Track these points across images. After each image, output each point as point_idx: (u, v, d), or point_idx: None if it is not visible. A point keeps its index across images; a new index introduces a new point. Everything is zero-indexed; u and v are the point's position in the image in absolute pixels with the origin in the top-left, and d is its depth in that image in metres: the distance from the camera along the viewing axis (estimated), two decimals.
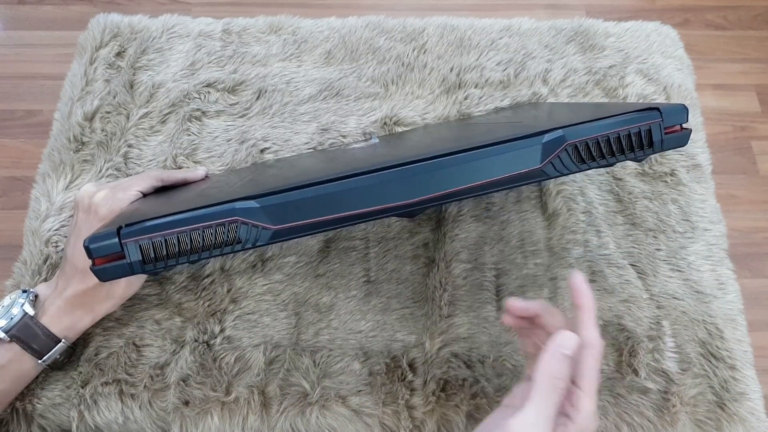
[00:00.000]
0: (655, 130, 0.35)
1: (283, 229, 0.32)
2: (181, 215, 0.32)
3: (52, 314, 0.44)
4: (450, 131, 0.52)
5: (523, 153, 0.34)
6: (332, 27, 0.64)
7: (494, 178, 0.34)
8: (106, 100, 0.59)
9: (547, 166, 0.35)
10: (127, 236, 0.31)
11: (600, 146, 0.35)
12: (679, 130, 0.36)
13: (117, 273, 0.32)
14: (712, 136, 0.69)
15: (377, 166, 0.33)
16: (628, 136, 0.35)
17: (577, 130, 0.35)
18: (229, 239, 0.32)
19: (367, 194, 0.33)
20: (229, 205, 0.32)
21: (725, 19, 1.31)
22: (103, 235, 0.32)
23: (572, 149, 0.35)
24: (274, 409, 0.47)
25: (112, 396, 0.46)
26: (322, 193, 0.32)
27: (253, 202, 0.32)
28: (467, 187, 0.34)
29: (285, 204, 0.32)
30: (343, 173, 0.33)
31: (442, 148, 0.35)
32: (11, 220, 1.06)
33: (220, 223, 0.32)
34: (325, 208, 0.33)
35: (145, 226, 0.32)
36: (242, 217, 0.32)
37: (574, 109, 0.49)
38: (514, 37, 0.63)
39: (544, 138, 0.34)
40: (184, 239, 0.32)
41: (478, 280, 0.51)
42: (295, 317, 0.50)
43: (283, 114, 0.58)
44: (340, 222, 0.33)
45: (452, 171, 0.33)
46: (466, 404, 0.47)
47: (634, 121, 0.35)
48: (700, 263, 0.53)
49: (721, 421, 0.47)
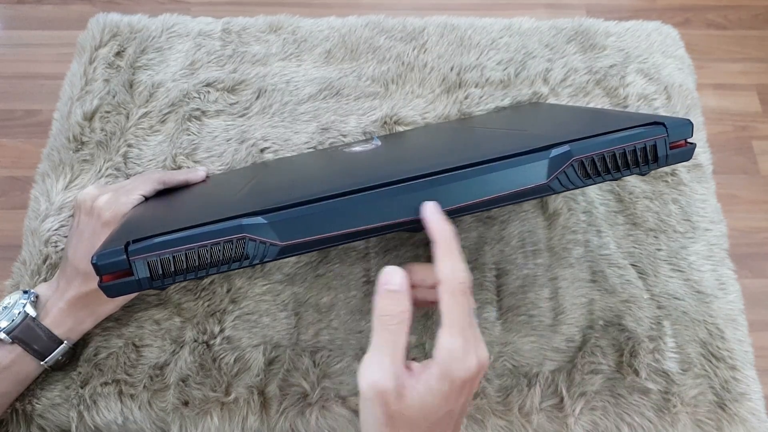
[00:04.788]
0: (660, 146, 0.35)
1: (291, 245, 0.32)
2: (189, 232, 0.32)
3: (54, 316, 0.44)
4: (452, 135, 0.51)
5: (530, 168, 0.34)
6: (332, 26, 0.64)
7: (501, 194, 0.34)
8: (106, 100, 0.58)
9: (554, 182, 0.34)
10: (135, 253, 0.31)
11: (606, 161, 0.35)
12: (684, 144, 0.36)
13: (125, 290, 0.32)
14: (712, 136, 0.69)
15: (384, 180, 0.33)
16: (633, 151, 0.35)
17: (583, 145, 0.35)
18: (236, 255, 0.32)
19: (375, 210, 0.33)
20: (236, 221, 0.32)
21: (726, 18, 1.31)
22: (111, 252, 0.31)
23: (578, 165, 0.35)
24: (273, 410, 0.46)
25: (112, 396, 0.46)
26: (330, 209, 0.32)
27: (260, 218, 0.32)
28: (474, 203, 0.34)
29: (292, 220, 0.32)
30: (350, 188, 0.33)
31: (448, 160, 0.35)
32: (10, 220, 1.06)
33: (228, 240, 0.32)
34: (332, 225, 0.32)
35: (153, 243, 0.31)
36: (250, 234, 0.32)
37: (576, 115, 0.49)
38: (515, 37, 0.63)
39: (551, 153, 0.34)
40: (191, 256, 0.32)
41: (478, 280, 0.51)
42: (295, 317, 0.49)
43: (283, 113, 0.58)
44: (347, 238, 0.33)
45: (460, 186, 0.33)
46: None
47: (640, 137, 0.35)
48: (700, 263, 0.53)
49: (721, 422, 0.47)
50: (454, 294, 0.32)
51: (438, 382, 0.30)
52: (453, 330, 0.31)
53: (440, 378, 0.30)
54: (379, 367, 0.31)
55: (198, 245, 0.31)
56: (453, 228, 0.33)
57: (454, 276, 0.32)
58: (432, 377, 0.31)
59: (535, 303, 0.50)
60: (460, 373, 0.30)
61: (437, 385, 0.30)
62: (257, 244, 0.32)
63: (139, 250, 0.31)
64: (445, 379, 0.30)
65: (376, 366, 0.31)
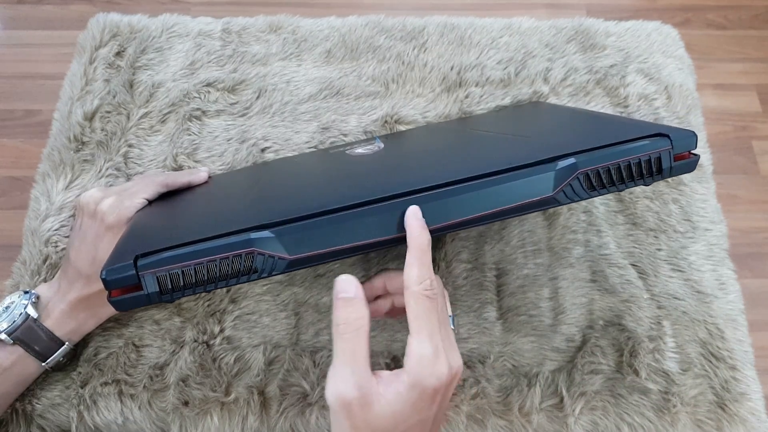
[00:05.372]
0: (665, 158, 0.35)
1: (300, 259, 0.33)
2: (197, 246, 0.32)
3: (56, 317, 0.44)
4: (455, 139, 0.51)
5: (536, 180, 0.34)
6: (332, 26, 0.64)
7: (507, 206, 0.34)
8: (106, 100, 0.58)
9: (559, 194, 0.34)
10: (145, 268, 0.31)
11: (611, 174, 0.35)
12: (689, 156, 0.36)
13: (134, 304, 0.32)
14: (712, 136, 0.69)
15: (390, 192, 0.33)
16: (638, 163, 0.35)
17: (588, 158, 0.35)
18: (245, 269, 0.32)
19: (383, 223, 0.33)
20: (245, 235, 0.32)
21: (726, 18, 1.31)
22: (120, 267, 0.31)
23: (584, 177, 0.35)
24: (273, 410, 0.46)
25: (112, 396, 0.46)
26: (338, 222, 0.33)
27: (268, 232, 0.32)
28: (482, 215, 0.34)
29: (301, 234, 0.32)
30: (357, 200, 0.33)
31: (454, 171, 0.35)
32: (11, 220, 1.06)
33: (237, 254, 0.32)
34: (341, 238, 0.33)
35: (162, 258, 0.31)
36: (259, 248, 0.32)
37: (579, 120, 0.49)
38: (515, 36, 0.63)
39: (558, 165, 0.34)
40: (200, 270, 0.32)
41: (478, 280, 0.51)
42: (294, 317, 0.49)
43: (284, 113, 0.58)
44: (356, 251, 0.33)
45: (466, 199, 0.33)
46: (466, 404, 0.47)
47: (645, 149, 0.35)
48: (700, 263, 0.53)
49: (721, 422, 0.47)
50: (419, 299, 0.31)
51: (408, 390, 0.30)
52: (421, 336, 0.31)
53: (410, 386, 0.30)
54: (341, 378, 0.30)
55: (207, 260, 0.31)
56: (428, 237, 0.33)
57: (420, 281, 0.32)
58: (401, 385, 0.30)
59: (535, 303, 0.50)
60: (430, 381, 0.30)
61: (407, 394, 0.30)
62: (266, 258, 0.32)
63: (148, 265, 0.31)
64: (415, 388, 0.30)
65: (338, 377, 0.30)
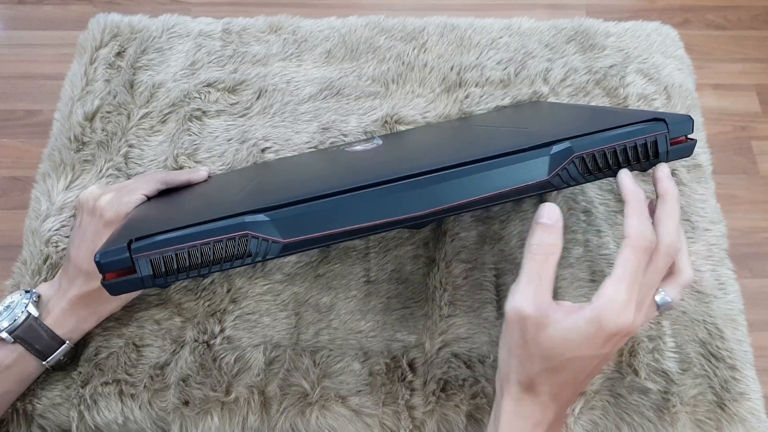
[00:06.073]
0: (661, 142, 0.35)
1: (293, 243, 0.32)
2: (191, 229, 0.32)
3: (56, 315, 0.44)
4: (453, 133, 0.51)
5: (531, 164, 0.34)
6: (332, 26, 0.64)
7: (503, 190, 0.34)
8: (107, 100, 0.59)
9: (555, 178, 0.34)
10: (138, 251, 0.31)
11: (606, 157, 0.35)
12: (685, 140, 0.36)
13: (128, 287, 0.32)
14: (712, 136, 0.69)
15: (385, 177, 0.33)
16: (634, 147, 0.35)
17: (584, 142, 0.35)
18: (239, 253, 0.32)
19: (377, 207, 0.33)
20: (239, 218, 0.32)
21: (725, 18, 1.31)
22: (114, 250, 0.31)
23: (579, 161, 0.35)
24: (274, 410, 0.46)
25: (112, 396, 0.46)
26: (332, 207, 0.33)
27: (262, 215, 0.32)
28: (477, 199, 0.34)
29: (295, 217, 0.32)
30: (351, 185, 0.33)
31: (449, 157, 0.35)
32: (11, 220, 1.06)
33: (231, 237, 0.32)
34: (335, 222, 0.33)
35: (155, 241, 0.31)
36: (252, 231, 0.32)
37: (577, 113, 0.49)
38: (515, 37, 0.63)
39: (552, 149, 0.34)
40: (194, 253, 0.32)
41: (478, 279, 0.51)
42: (295, 317, 0.50)
43: (284, 113, 0.58)
44: (349, 235, 0.33)
45: (462, 182, 0.33)
46: (466, 404, 0.47)
47: (641, 133, 0.35)
48: (700, 263, 0.53)
49: (721, 422, 0.47)
50: (636, 249, 0.32)
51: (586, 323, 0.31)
52: (621, 282, 0.32)
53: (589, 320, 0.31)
54: (523, 294, 0.32)
55: (201, 243, 0.31)
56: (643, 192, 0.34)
57: (640, 232, 0.33)
58: (582, 317, 0.31)
59: None
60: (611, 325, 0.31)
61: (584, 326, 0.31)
62: (260, 242, 0.32)
63: (142, 248, 0.31)
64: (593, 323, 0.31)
65: (521, 293, 0.33)
